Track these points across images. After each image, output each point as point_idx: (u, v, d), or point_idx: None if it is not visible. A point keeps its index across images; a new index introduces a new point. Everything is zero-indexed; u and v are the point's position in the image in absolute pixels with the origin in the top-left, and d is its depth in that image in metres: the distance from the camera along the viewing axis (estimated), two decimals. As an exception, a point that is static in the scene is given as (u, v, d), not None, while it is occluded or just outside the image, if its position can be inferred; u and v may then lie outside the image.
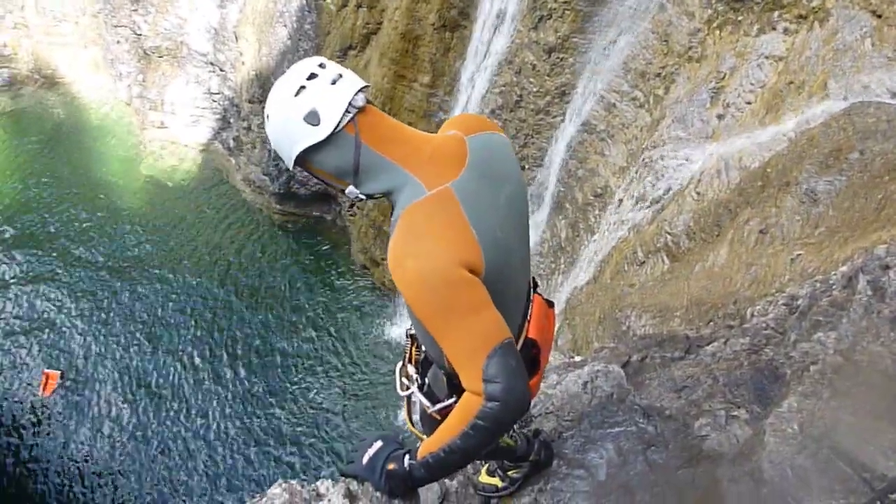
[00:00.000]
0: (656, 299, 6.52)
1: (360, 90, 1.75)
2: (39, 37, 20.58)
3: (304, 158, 1.78)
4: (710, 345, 4.03)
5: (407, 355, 2.32)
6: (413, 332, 2.24)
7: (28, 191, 18.93)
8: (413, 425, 2.37)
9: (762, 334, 3.68)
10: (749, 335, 3.81)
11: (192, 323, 16.12)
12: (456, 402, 1.82)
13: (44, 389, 14.53)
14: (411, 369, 2.24)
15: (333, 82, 1.73)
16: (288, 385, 14.78)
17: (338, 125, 1.72)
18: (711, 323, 4.81)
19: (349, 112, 1.73)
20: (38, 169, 19.48)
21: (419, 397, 2.16)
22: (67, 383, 14.74)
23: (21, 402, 14.45)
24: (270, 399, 14.51)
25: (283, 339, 15.78)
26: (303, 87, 1.71)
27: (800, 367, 3.01)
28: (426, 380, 2.19)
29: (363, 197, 1.84)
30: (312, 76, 1.73)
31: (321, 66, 1.76)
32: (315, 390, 14.68)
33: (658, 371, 3.81)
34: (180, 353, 15.44)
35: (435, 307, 1.65)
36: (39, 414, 14.25)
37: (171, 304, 16.54)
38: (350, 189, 1.81)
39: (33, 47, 20.72)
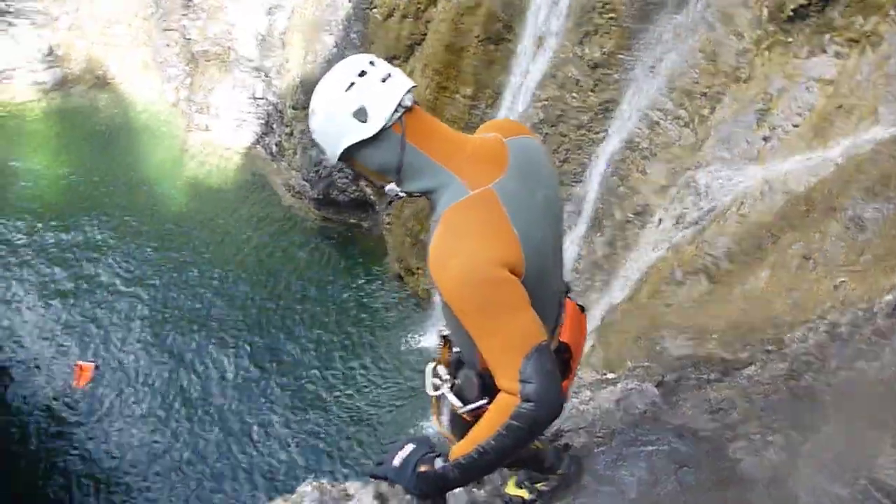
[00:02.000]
0: (694, 321, 6.43)
1: (408, 90, 1.78)
2: (93, 38, 21.09)
3: (348, 154, 1.81)
4: (748, 368, 3.96)
5: (439, 356, 2.33)
6: (446, 332, 2.25)
7: (75, 188, 19.36)
8: (441, 426, 2.38)
9: (801, 360, 3.61)
10: (788, 360, 3.74)
11: (228, 322, 16.31)
12: (487, 404, 1.82)
13: (78, 381, 14.71)
14: (442, 370, 2.25)
15: (384, 80, 1.76)
16: (321, 389, 14.85)
17: (386, 123, 1.74)
18: (749, 346, 4.73)
19: (398, 111, 1.75)
20: (85, 166, 19.91)
21: (450, 397, 2.17)
22: (104, 378, 14.94)
23: (56, 395, 14.70)
24: (301, 402, 14.59)
25: (316, 345, 15.87)
26: (353, 84, 1.74)
27: (840, 395, 2.95)
28: (457, 381, 2.19)
29: (403, 195, 1.87)
30: (363, 73, 1.76)
31: (371, 63, 1.78)
32: (347, 396, 14.74)
33: (693, 392, 3.76)
34: (215, 352, 15.61)
35: (476, 306, 1.66)
36: (73, 406, 14.49)
37: (208, 303, 16.76)
38: (391, 187, 1.84)
39: (87, 48, 21.23)
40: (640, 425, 3.21)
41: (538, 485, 2.92)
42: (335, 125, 1.77)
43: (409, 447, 1.97)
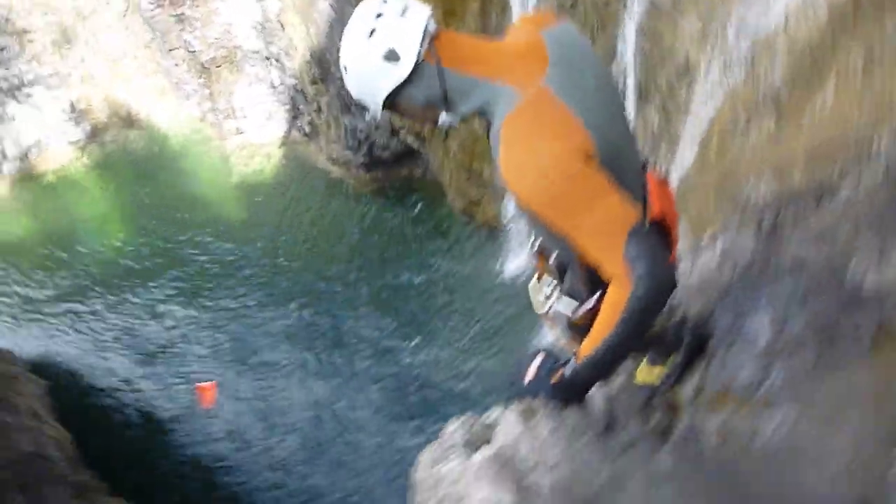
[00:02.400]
0: (770, 160, 6.22)
1: (429, 17, 1.74)
2: (106, 82, 21.40)
3: (391, 100, 1.79)
4: (841, 189, 3.82)
5: (537, 273, 2.33)
6: (539, 245, 2.24)
7: (139, 224, 19.93)
8: (561, 338, 2.39)
9: (894, 160, 3.45)
10: (881, 167, 3.58)
11: (322, 307, 16.70)
12: (599, 300, 1.82)
13: (204, 402, 15.29)
14: (546, 281, 2.25)
15: (402, 14, 1.73)
16: (424, 340, 15.12)
17: (419, 58, 1.71)
18: (836, 166, 4.56)
19: (425, 41, 1.72)
20: (141, 202, 20.45)
21: (562, 305, 2.17)
22: (225, 393, 15.53)
23: (187, 420, 15.38)
24: (413, 359, 14.89)
25: (406, 300, 16.12)
26: (374, 30, 1.71)
27: (948, 181, 2.81)
28: (564, 286, 2.19)
29: (456, 124, 1.85)
30: (380, 15, 1.73)
31: (384, 1, 1.74)
32: (449, 341, 14.97)
33: (792, 228, 3.66)
34: (321, 336, 16.05)
35: (564, 205, 1.65)
36: (210, 426, 15.17)
37: (294, 294, 17.15)
38: (443, 117, 1.82)
39: (104, 94, 21.58)
40: (748, 275, 3.15)
41: (669, 362, 2.92)
42: (370, 76, 1.75)
43: (536, 360, 1.99)
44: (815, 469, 2.15)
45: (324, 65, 17.16)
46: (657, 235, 1.91)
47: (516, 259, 15.17)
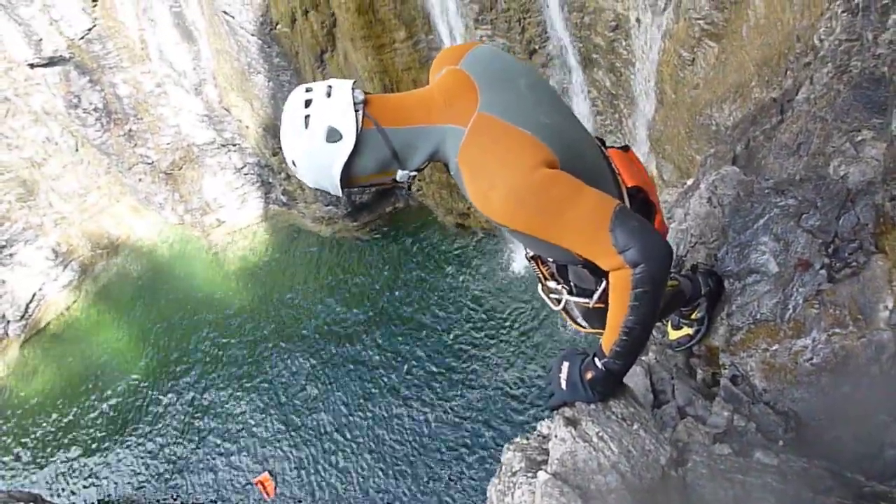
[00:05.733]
0: (726, 84, 6.29)
1: (353, 87, 1.79)
2: (77, 218, 21.53)
3: (346, 176, 1.83)
4: (799, 92, 3.87)
5: (540, 275, 2.36)
6: (531, 253, 2.28)
7: (152, 344, 19.95)
8: (583, 328, 2.42)
9: (839, 51, 3.50)
10: (829, 60, 3.63)
11: (351, 364, 16.70)
12: (608, 284, 1.84)
13: (267, 495, 15.26)
14: (552, 284, 2.28)
15: (328, 95, 1.78)
16: (460, 364, 15.10)
17: (358, 126, 1.76)
18: (789, 72, 4.61)
19: (357, 109, 1.77)
20: (148, 322, 20.48)
21: (574, 301, 2.21)
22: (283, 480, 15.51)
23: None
24: (457, 389, 14.84)
25: (433, 329, 16.12)
26: (308, 116, 1.76)
27: (892, 57, 2.86)
28: (571, 283, 2.22)
29: (415, 173, 1.90)
30: (308, 102, 1.78)
31: (308, 90, 1.81)
32: (482, 357, 14.96)
33: (767, 146, 3.70)
34: (360, 390, 16.05)
35: (539, 218, 1.69)
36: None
37: (323, 357, 17.16)
38: (400, 174, 1.87)
39: (81, 230, 21.70)
40: (740, 208, 3.19)
41: (693, 316, 2.94)
42: (320, 162, 1.80)
43: (566, 366, 2.01)
44: (860, 375, 2.18)
45: (278, 134, 17.25)
46: (638, 209, 1.94)
47: (519, 261, 15.32)
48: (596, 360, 1.90)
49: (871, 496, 1.56)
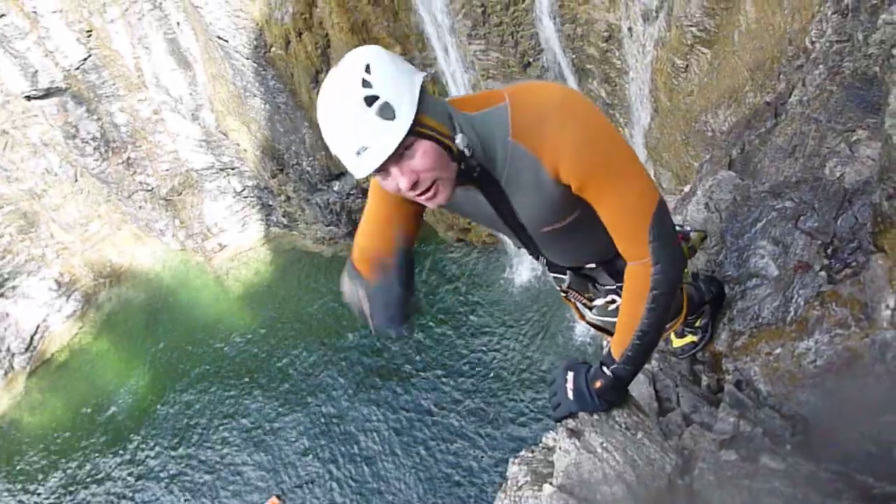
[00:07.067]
0: (719, 90, 6.31)
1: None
2: (79, 248, 21.57)
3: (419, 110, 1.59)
4: (793, 95, 3.88)
5: (559, 288, 2.37)
6: (566, 284, 2.28)
7: (160, 373, 19.90)
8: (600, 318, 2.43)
9: (831, 53, 3.51)
10: (821, 62, 3.65)
11: (358, 385, 16.64)
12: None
13: None
14: (593, 314, 2.31)
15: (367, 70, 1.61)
16: (470, 379, 15.05)
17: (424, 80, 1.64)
18: (782, 75, 4.63)
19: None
20: (155, 350, 20.46)
21: (598, 308, 2.23)
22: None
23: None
24: (469, 400, 14.79)
25: (440, 344, 16.08)
26: (364, 79, 1.56)
27: (883, 56, 2.86)
28: (597, 283, 2.25)
29: (469, 151, 1.68)
30: (368, 68, 1.58)
31: (366, 72, 1.58)
32: (492, 368, 14.92)
33: (762, 149, 3.71)
34: (372, 405, 15.99)
35: (604, 160, 1.65)
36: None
37: (331, 384, 17.10)
38: (459, 137, 1.66)
39: (83, 260, 21.73)
40: (738, 212, 3.19)
41: (696, 324, 2.93)
42: (402, 91, 1.59)
43: (570, 375, 1.98)
44: (865, 375, 2.16)
45: (277, 156, 17.35)
46: (670, 217, 1.93)
47: (520, 263, 15.37)
48: (604, 368, 1.88)
49: (881, 498, 1.54)
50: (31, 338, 21.34)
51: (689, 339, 2.97)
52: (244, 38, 14.24)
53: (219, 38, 14.28)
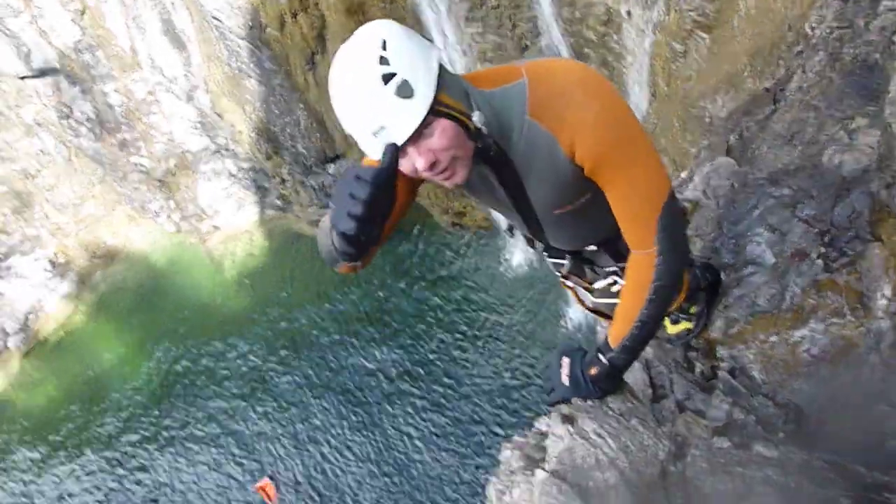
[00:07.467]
0: (718, 75, 6.27)
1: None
2: (73, 228, 21.48)
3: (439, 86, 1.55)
4: (792, 81, 3.85)
5: (558, 274, 2.36)
6: (566, 270, 2.26)
7: (155, 354, 19.89)
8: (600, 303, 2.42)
9: (831, 39, 3.49)
10: (821, 48, 3.62)
11: (353, 367, 16.66)
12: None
13: (269, 499, 15.18)
14: (575, 279, 2.30)
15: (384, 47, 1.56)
16: (461, 362, 15.07)
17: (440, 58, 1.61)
18: (781, 61, 4.60)
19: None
20: (150, 332, 20.41)
21: (599, 292, 2.22)
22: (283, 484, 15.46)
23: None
24: (471, 380, 14.80)
25: (437, 322, 16.08)
26: (381, 54, 1.50)
27: (884, 44, 2.85)
28: (601, 266, 2.24)
29: (485, 128, 1.63)
30: (384, 44, 1.54)
31: (383, 48, 1.53)
32: (491, 349, 14.93)
33: (760, 136, 3.69)
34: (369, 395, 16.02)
35: (622, 138, 1.62)
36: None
37: (326, 365, 17.10)
38: (476, 115, 1.60)
39: (78, 241, 21.66)
40: (735, 199, 3.17)
41: (691, 311, 2.92)
42: (419, 55, 1.55)
43: (566, 361, 1.98)
44: (859, 365, 2.16)
45: (272, 138, 17.26)
46: (680, 209, 1.90)
47: (518, 256, 15.36)
48: (600, 355, 1.87)
49: (872, 487, 1.54)
50: (26, 318, 21.31)
51: (684, 326, 2.96)
52: (239, 18, 14.13)
53: (213, 18, 14.16)
